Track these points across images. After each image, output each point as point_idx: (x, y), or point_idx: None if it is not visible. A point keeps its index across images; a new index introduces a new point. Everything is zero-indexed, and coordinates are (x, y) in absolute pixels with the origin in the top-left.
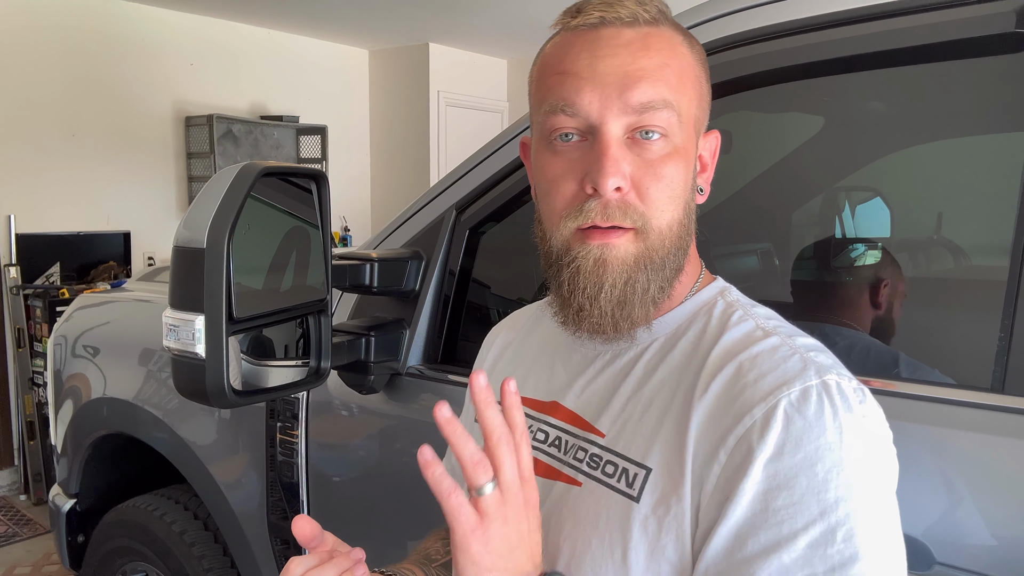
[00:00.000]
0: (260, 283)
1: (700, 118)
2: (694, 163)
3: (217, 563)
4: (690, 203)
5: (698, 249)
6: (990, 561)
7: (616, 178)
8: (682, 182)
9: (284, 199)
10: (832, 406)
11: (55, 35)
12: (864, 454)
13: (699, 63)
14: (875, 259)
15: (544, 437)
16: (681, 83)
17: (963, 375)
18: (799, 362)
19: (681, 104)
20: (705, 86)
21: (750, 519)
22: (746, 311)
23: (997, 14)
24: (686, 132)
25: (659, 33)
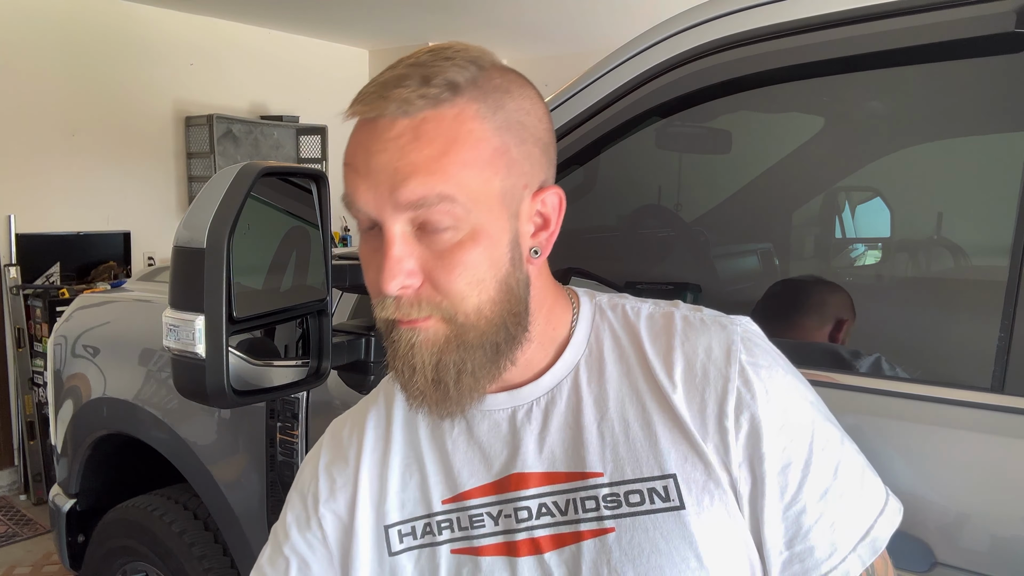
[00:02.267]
0: (260, 283)
1: (511, 187)
2: (508, 236)
3: (217, 563)
4: (508, 277)
5: (696, 250)
6: (990, 561)
7: (397, 280)
8: (483, 264)
9: (284, 199)
10: (758, 340)
11: (55, 35)
12: (784, 361)
13: (504, 129)
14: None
15: (527, 513)
16: (465, 167)
17: (963, 375)
18: (714, 324)
19: (468, 189)
20: (518, 151)
21: (780, 462)
22: (629, 303)
23: (997, 14)
24: (483, 213)
25: (437, 116)
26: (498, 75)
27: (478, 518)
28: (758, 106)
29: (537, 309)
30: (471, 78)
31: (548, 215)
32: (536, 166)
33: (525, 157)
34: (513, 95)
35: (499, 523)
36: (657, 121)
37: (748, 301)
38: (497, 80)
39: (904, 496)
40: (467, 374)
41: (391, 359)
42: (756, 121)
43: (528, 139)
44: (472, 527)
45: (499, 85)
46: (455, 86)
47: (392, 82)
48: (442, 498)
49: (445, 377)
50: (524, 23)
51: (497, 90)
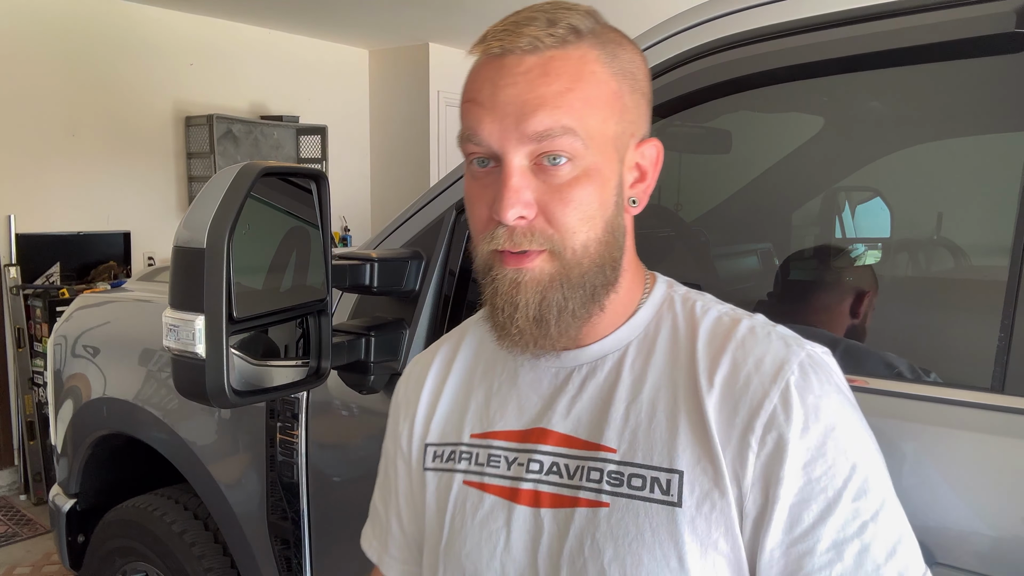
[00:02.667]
0: (260, 283)
1: (622, 133)
2: (616, 180)
3: (217, 563)
4: (613, 219)
5: (696, 250)
6: (990, 561)
7: (515, 209)
8: (595, 202)
9: (284, 199)
10: (821, 372)
11: (55, 35)
12: (851, 403)
13: (620, 76)
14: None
15: (539, 467)
16: (587, 105)
17: (963, 375)
18: (777, 340)
19: (588, 126)
20: (630, 98)
21: (798, 494)
22: (702, 301)
23: (997, 14)
24: (598, 152)
25: (564, 56)
26: (611, 30)
27: (495, 458)
28: (758, 106)
29: (626, 267)
30: (591, 27)
31: (646, 167)
32: (641, 117)
33: (635, 106)
34: (625, 48)
35: (511, 469)
36: (657, 121)
37: (748, 301)
38: (612, 34)
39: (904, 496)
40: (567, 312)
41: (490, 298)
42: (756, 121)
43: (638, 90)
44: (487, 464)
45: (613, 38)
46: (578, 31)
47: (521, 22)
48: (472, 432)
49: (547, 315)
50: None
51: (612, 42)
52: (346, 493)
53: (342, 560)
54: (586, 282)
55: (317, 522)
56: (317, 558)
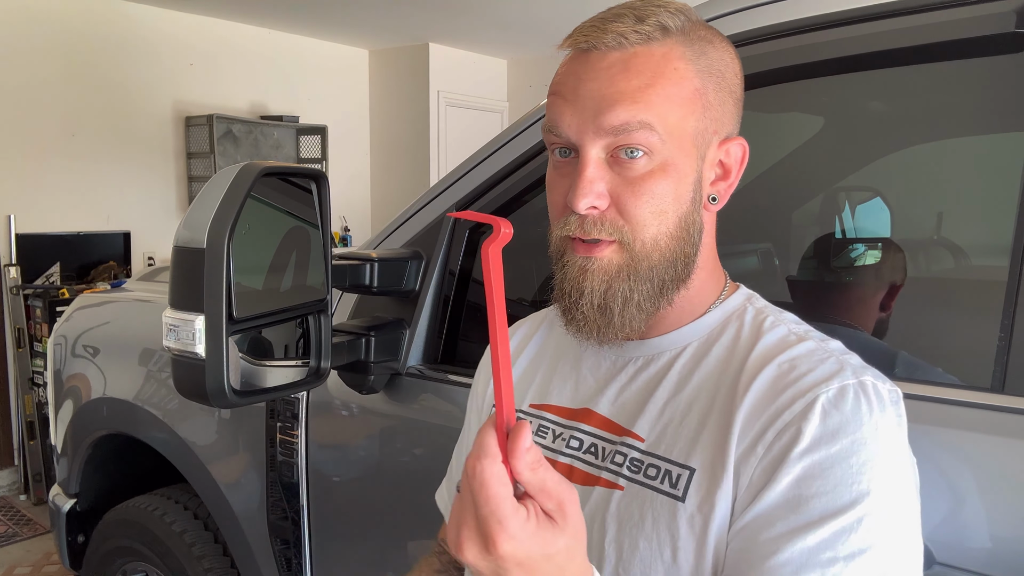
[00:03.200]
0: (260, 283)
1: (704, 130)
2: (694, 176)
3: (217, 563)
4: (688, 215)
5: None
6: (990, 561)
7: (588, 199)
8: (669, 196)
9: (284, 199)
10: (868, 404)
11: (55, 35)
12: (895, 452)
13: (705, 73)
14: (876, 259)
15: (578, 445)
16: (667, 101)
17: (963, 375)
18: (835, 363)
19: (667, 121)
20: (714, 96)
21: (782, 503)
22: (777, 317)
23: (997, 14)
24: (676, 147)
25: (648, 52)
26: (703, 27)
27: (544, 428)
28: (758, 106)
29: (701, 264)
30: (680, 24)
31: (730, 166)
32: (727, 115)
33: (720, 104)
34: (716, 46)
35: (555, 442)
36: None
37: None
38: (702, 31)
39: None
40: (632, 304)
41: (559, 283)
42: (756, 121)
43: (724, 88)
44: (536, 433)
45: (703, 36)
46: (665, 28)
47: (609, 18)
48: (531, 401)
49: (612, 304)
50: (525, 23)
51: (702, 39)
52: (346, 493)
53: (342, 560)
54: (654, 275)
55: (317, 522)
56: (317, 558)
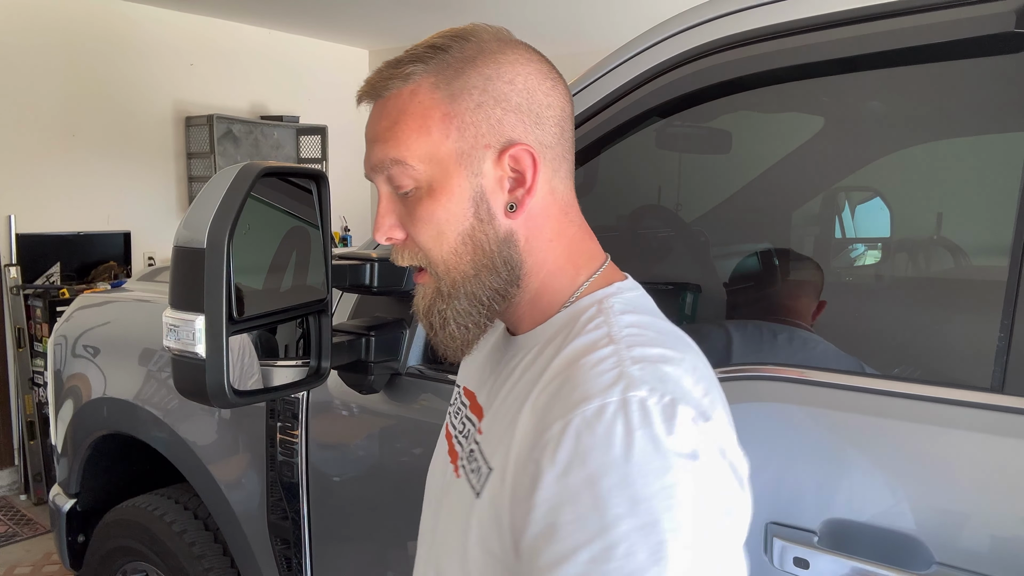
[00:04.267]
0: (260, 283)
1: (468, 148)
2: (469, 192)
3: (217, 563)
4: (474, 231)
5: (696, 250)
6: (990, 561)
7: (381, 232)
8: (443, 218)
9: (284, 199)
10: (627, 424)
11: (55, 35)
12: (657, 474)
13: (458, 95)
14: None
15: (462, 426)
16: (414, 133)
17: (963, 375)
18: (613, 377)
19: (418, 152)
20: (474, 113)
21: (542, 532)
22: (608, 317)
23: (997, 14)
24: (438, 172)
25: (397, 94)
26: (473, 47)
27: (456, 404)
28: (758, 106)
29: (536, 268)
30: (439, 53)
31: (523, 172)
32: (499, 126)
33: (483, 119)
34: (479, 64)
35: (456, 417)
36: (657, 121)
37: (748, 301)
38: (469, 51)
39: (904, 496)
40: (451, 321)
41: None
42: (756, 121)
43: (487, 103)
44: (451, 405)
45: (467, 56)
46: (419, 63)
47: (375, 73)
48: (461, 383)
49: (435, 324)
50: (524, 23)
51: (461, 60)
52: (346, 493)
53: (342, 559)
54: (461, 292)
55: (317, 522)
56: (317, 558)
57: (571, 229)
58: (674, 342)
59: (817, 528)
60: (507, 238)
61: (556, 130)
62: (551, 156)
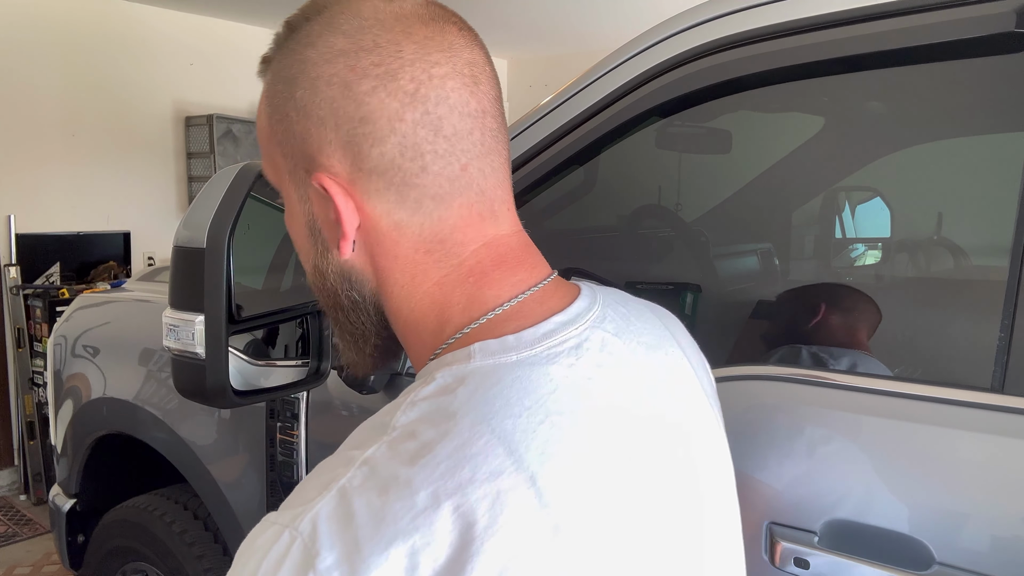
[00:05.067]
0: (260, 283)
1: (293, 168)
2: (303, 217)
3: (217, 563)
4: (320, 262)
5: (696, 250)
6: (990, 561)
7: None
8: (298, 244)
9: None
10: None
11: (55, 35)
12: None
13: (277, 99)
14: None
15: None
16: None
17: (963, 375)
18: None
19: (264, 163)
20: (282, 129)
21: None
22: (406, 400)
23: (997, 14)
24: (281, 186)
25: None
26: (307, 30)
27: None
28: (758, 106)
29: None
30: (280, 44)
31: (338, 206)
32: (304, 145)
33: (291, 135)
34: (289, 60)
35: None
36: (657, 121)
37: (748, 301)
38: (303, 35)
39: (904, 496)
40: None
41: None
42: (756, 121)
43: (291, 114)
44: None
45: (297, 43)
46: (267, 59)
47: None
48: None
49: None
50: (524, 23)
51: (287, 52)
52: None
53: None
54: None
55: None
56: None
57: (437, 272)
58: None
59: (817, 528)
60: (346, 275)
61: (389, 149)
62: (381, 185)
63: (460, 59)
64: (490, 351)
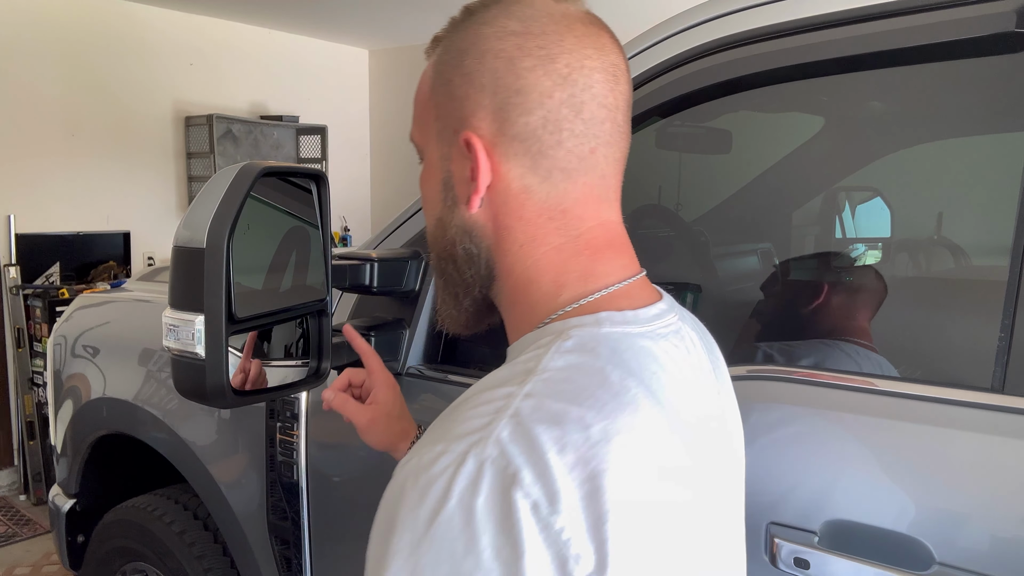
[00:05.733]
0: (260, 283)
1: (443, 129)
2: (440, 176)
3: (217, 563)
4: (445, 217)
5: (696, 250)
6: (990, 561)
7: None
8: (427, 196)
9: (284, 199)
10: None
11: (55, 35)
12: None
13: (441, 68)
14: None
15: None
16: (419, 111)
17: (963, 375)
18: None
19: (417, 128)
20: (445, 89)
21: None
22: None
23: (997, 14)
24: (428, 150)
25: (425, 71)
26: (481, 15)
27: None
28: (758, 106)
29: (505, 274)
30: (459, 19)
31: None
32: (461, 107)
33: (450, 97)
34: (462, 35)
35: None
36: (657, 121)
37: (748, 301)
38: (476, 19)
39: (904, 496)
40: (439, 296)
41: None
42: (756, 121)
43: (456, 79)
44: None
45: (467, 24)
46: (438, 39)
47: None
48: None
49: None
50: None
51: (462, 30)
52: (346, 493)
53: (342, 560)
54: (442, 270)
55: (317, 522)
56: (317, 558)
57: (556, 239)
58: (597, 413)
59: (817, 528)
60: (468, 230)
61: (533, 120)
62: (520, 150)
63: (607, 59)
64: (616, 321)
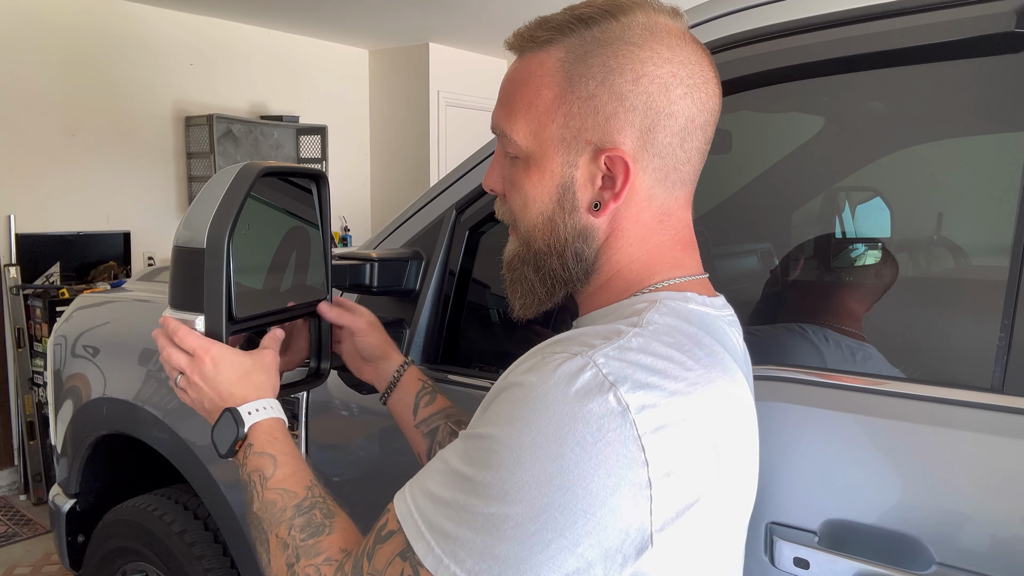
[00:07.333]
0: (260, 283)
1: (570, 138)
2: (559, 179)
3: (217, 563)
4: (554, 215)
5: (700, 250)
6: (990, 561)
7: (487, 182)
8: (530, 192)
9: (284, 199)
10: (567, 371)
11: (55, 35)
12: (544, 404)
13: (579, 80)
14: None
15: None
16: (525, 107)
17: (963, 375)
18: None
19: (523, 127)
20: (584, 104)
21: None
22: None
23: (997, 14)
24: (537, 149)
25: (530, 59)
26: (616, 29)
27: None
28: (758, 106)
29: (609, 265)
30: (581, 26)
31: (616, 176)
32: (606, 124)
33: (592, 113)
34: (609, 51)
35: None
36: None
37: (748, 301)
38: (610, 32)
39: (904, 496)
40: (520, 282)
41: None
42: (756, 121)
43: (602, 96)
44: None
45: (604, 38)
46: (561, 31)
47: (528, 24)
48: None
49: (509, 278)
50: (524, 23)
51: (596, 41)
52: (346, 493)
53: None
54: (532, 264)
55: None
56: None
57: (660, 237)
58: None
59: (817, 528)
60: (584, 233)
61: (674, 140)
62: (657, 165)
63: (718, 88)
64: (698, 302)
